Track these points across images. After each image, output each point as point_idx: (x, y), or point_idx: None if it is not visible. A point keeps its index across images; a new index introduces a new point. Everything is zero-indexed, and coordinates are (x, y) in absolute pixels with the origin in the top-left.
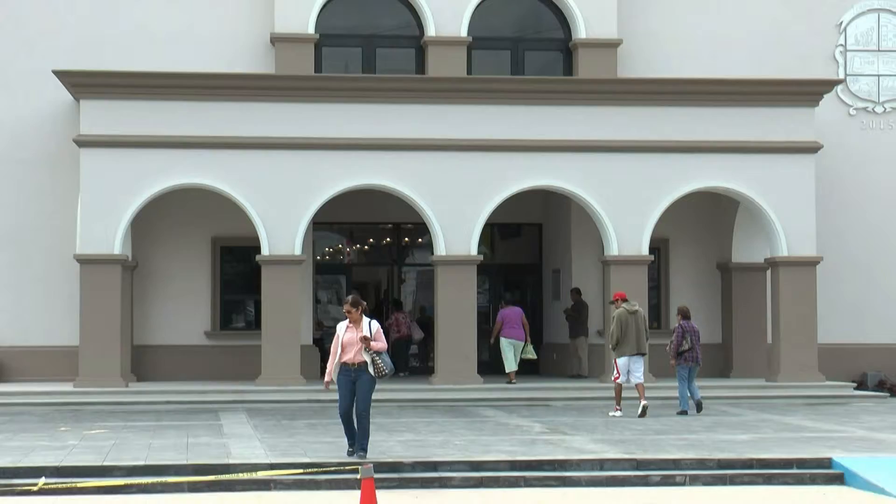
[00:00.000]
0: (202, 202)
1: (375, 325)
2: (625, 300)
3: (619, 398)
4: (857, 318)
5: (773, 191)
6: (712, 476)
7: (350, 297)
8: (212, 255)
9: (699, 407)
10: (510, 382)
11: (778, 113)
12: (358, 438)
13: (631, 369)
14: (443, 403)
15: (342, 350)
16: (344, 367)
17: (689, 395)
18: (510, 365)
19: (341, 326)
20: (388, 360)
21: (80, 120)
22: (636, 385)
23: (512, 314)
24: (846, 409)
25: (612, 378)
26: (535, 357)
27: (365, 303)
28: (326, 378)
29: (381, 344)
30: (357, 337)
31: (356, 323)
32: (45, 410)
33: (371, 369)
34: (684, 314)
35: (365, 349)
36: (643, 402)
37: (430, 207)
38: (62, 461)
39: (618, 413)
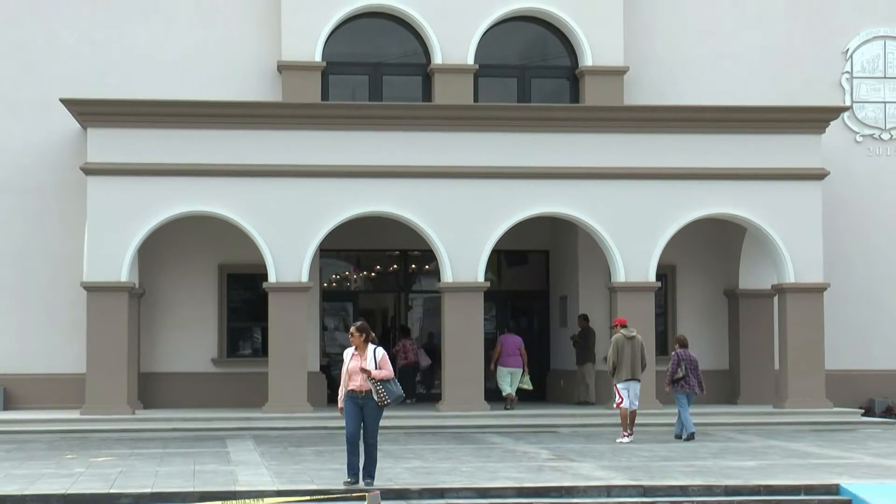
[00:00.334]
0: (209, 230)
1: (381, 352)
2: (624, 326)
3: (624, 424)
4: (864, 344)
5: (779, 217)
6: (719, 502)
7: (358, 323)
8: (218, 283)
9: (683, 435)
10: (509, 407)
11: (784, 140)
12: (366, 465)
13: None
14: (450, 430)
15: (349, 377)
16: (351, 394)
17: (690, 423)
18: (507, 389)
19: (348, 353)
20: (392, 387)
21: (87, 148)
22: (630, 412)
23: (511, 343)
24: (853, 435)
25: (615, 404)
26: (530, 388)
27: (374, 334)
28: (340, 404)
29: (384, 372)
30: (360, 366)
31: (361, 350)
32: (51, 438)
33: (375, 397)
34: (681, 343)
35: (368, 378)
36: (627, 435)
37: (436, 234)
38: (68, 489)
39: (625, 440)
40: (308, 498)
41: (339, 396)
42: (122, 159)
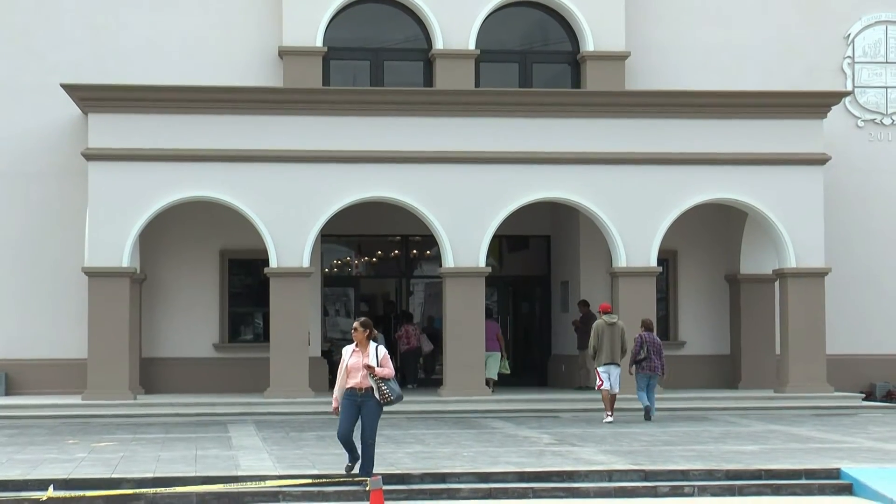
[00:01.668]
0: (210, 215)
1: (382, 350)
2: (607, 312)
3: (607, 404)
4: (865, 328)
5: (781, 202)
6: (721, 487)
7: (362, 318)
8: (220, 268)
9: (647, 414)
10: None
11: (786, 125)
12: (363, 466)
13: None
14: (451, 415)
15: (348, 374)
16: (350, 392)
17: (645, 400)
18: (488, 373)
19: (347, 350)
20: (394, 386)
21: (88, 133)
22: (611, 395)
23: (489, 329)
24: (854, 419)
25: (596, 386)
26: (508, 371)
27: (376, 332)
28: (334, 404)
29: (386, 370)
30: (362, 362)
31: (362, 346)
32: (53, 423)
33: (377, 395)
34: (646, 326)
35: (370, 375)
36: (610, 415)
37: (438, 220)
38: (71, 474)
39: (609, 419)
40: (310, 482)
41: (333, 396)
42: (124, 145)
